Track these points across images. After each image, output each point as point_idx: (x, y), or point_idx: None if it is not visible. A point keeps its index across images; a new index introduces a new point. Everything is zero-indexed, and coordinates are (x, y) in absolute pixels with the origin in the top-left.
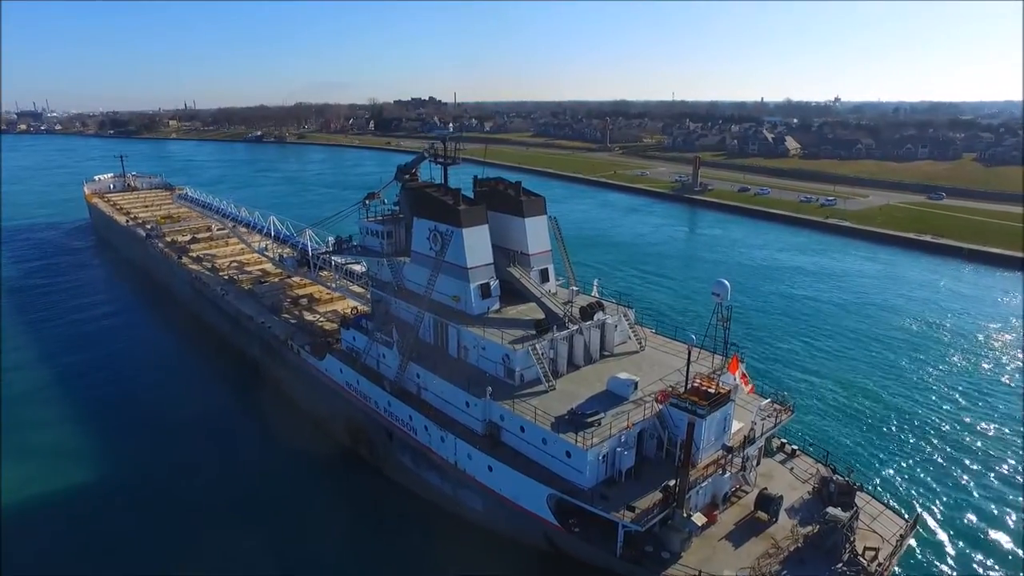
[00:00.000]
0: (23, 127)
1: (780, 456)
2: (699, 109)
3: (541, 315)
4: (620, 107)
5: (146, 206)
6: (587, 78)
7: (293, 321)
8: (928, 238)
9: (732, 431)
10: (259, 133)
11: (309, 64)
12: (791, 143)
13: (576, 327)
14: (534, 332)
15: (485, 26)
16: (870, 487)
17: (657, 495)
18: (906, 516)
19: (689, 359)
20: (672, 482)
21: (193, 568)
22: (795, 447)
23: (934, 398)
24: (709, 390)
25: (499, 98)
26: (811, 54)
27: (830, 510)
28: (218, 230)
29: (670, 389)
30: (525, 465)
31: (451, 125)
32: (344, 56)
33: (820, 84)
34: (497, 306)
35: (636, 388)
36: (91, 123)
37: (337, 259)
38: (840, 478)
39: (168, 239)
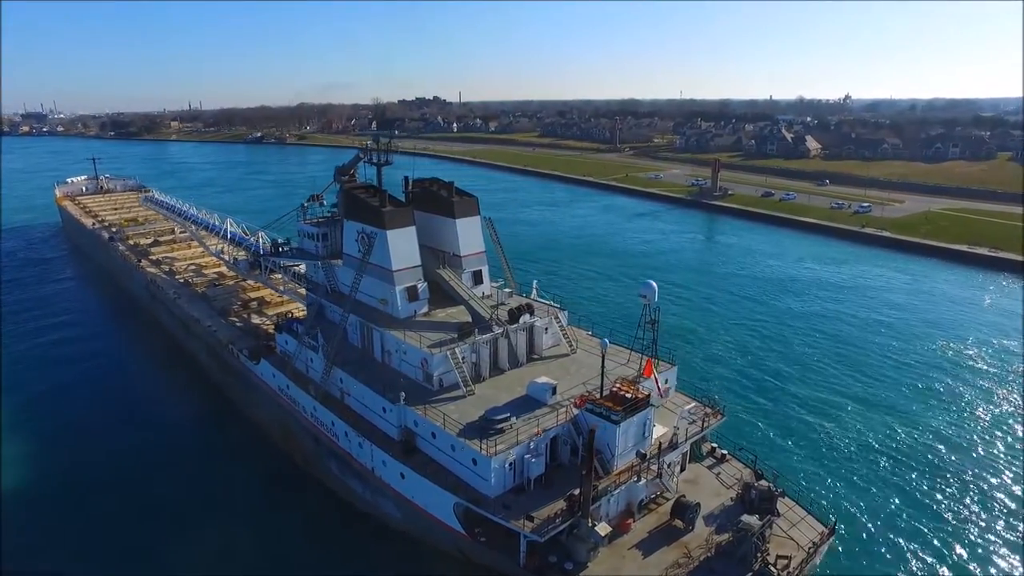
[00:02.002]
0: (26, 129)
1: (709, 461)
2: (710, 108)
3: (470, 318)
4: (628, 106)
5: (115, 209)
6: (592, 77)
7: (239, 324)
8: (985, 251)
9: (654, 436)
10: (259, 134)
11: (314, 65)
12: (811, 143)
13: (500, 330)
14: (456, 336)
15: (489, 25)
16: (795, 493)
17: (562, 504)
18: (826, 523)
19: (603, 363)
20: (577, 491)
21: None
22: (724, 452)
23: (915, 417)
24: (627, 395)
25: (505, 97)
26: (816, 51)
27: (744, 518)
28: (180, 233)
29: (587, 394)
30: (436, 473)
31: (454, 125)
32: (349, 56)
33: (827, 81)
34: (426, 309)
35: (555, 393)
36: (93, 125)
37: (282, 262)
38: (763, 484)
39: (131, 242)
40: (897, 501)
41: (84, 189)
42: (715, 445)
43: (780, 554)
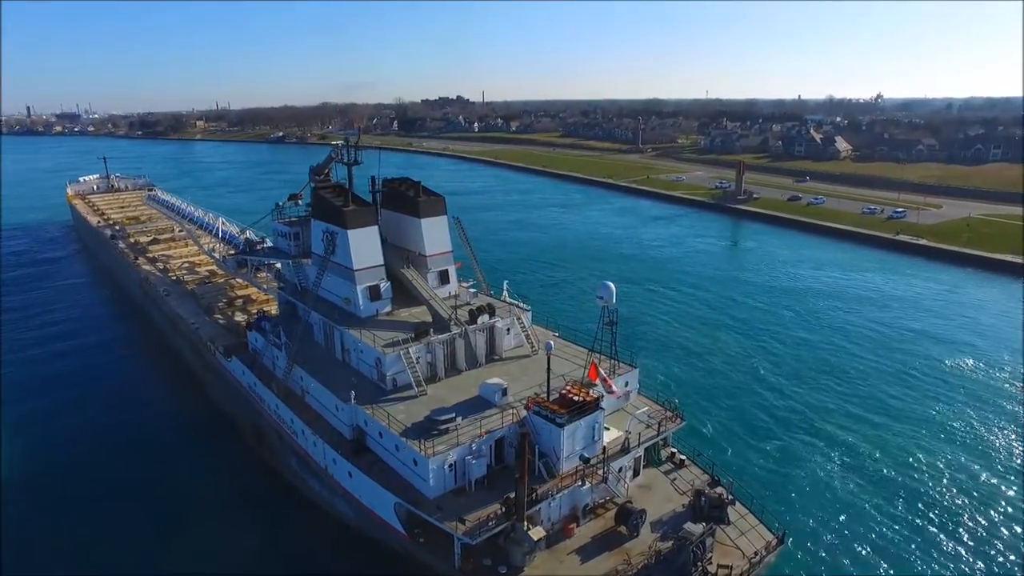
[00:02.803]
0: (59, 128)
1: (668, 466)
2: (736, 107)
3: (431, 318)
4: (652, 105)
5: (122, 207)
6: (617, 77)
7: (222, 322)
8: None
9: (605, 440)
10: (280, 134)
11: (339, 64)
12: (841, 144)
13: (458, 331)
14: (412, 335)
15: (515, 24)
16: (750, 501)
17: (498, 507)
18: (776, 533)
19: (549, 365)
20: (513, 494)
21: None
22: (684, 457)
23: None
24: (575, 398)
25: (529, 97)
26: (847, 49)
27: (686, 525)
28: (179, 231)
29: (536, 396)
30: (380, 472)
31: (476, 124)
32: (373, 56)
33: (858, 81)
34: (389, 308)
35: (505, 394)
36: (122, 124)
37: (254, 260)
38: (714, 491)
39: (131, 240)
40: (855, 518)
41: (95, 188)
42: (675, 450)
43: (722, 563)
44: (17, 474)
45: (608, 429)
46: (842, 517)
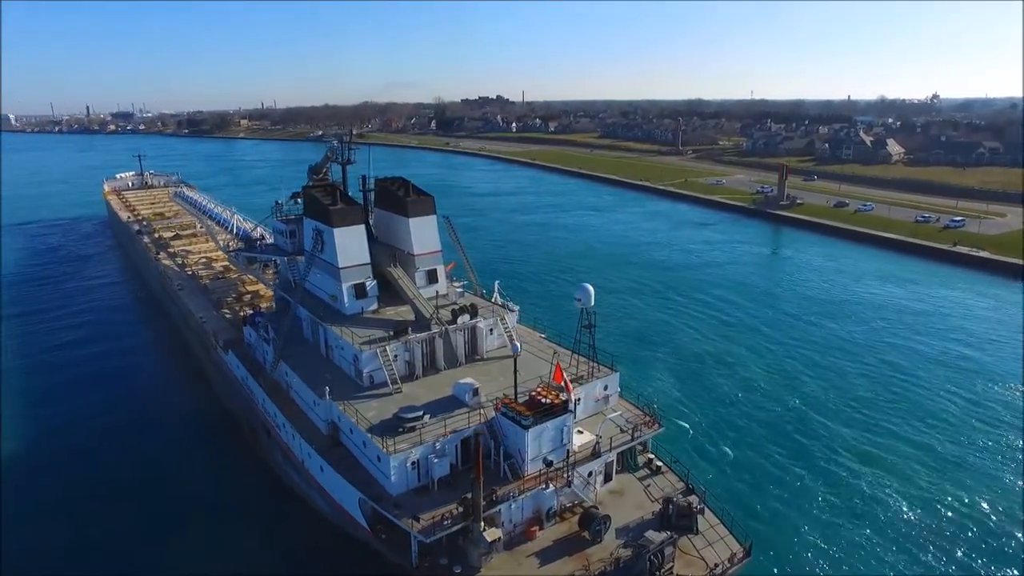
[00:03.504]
0: (112, 127)
1: (644, 472)
2: (781, 108)
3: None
4: (694, 106)
5: (152, 203)
6: (659, 77)
7: (228, 316)
8: None
9: (576, 444)
10: (320, 133)
11: (384, 63)
12: (893, 147)
13: (437, 330)
14: (391, 333)
15: (555, 23)
16: (722, 512)
17: (455, 507)
18: (742, 543)
19: (515, 367)
20: (470, 494)
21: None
22: (660, 463)
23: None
24: (544, 400)
25: (568, 97)
26: (901, 48)
27: (648, 533)
28: (199, 228)
29: (505, 397)
30: (348, 468)
31: (514, 125)
32: (414, 55)
33: (913, 81)
34: (375, 306)
35: (476, 394)
36: (171, 123)
37: (251, 256)
38: (683, 500)
39: (156, 235)
40: (834, 542)
41: (130, 184)
42: (653, 456)
43: (683, 574)
44: (19, 470)
45: (581, 432)
46: (819, 539)
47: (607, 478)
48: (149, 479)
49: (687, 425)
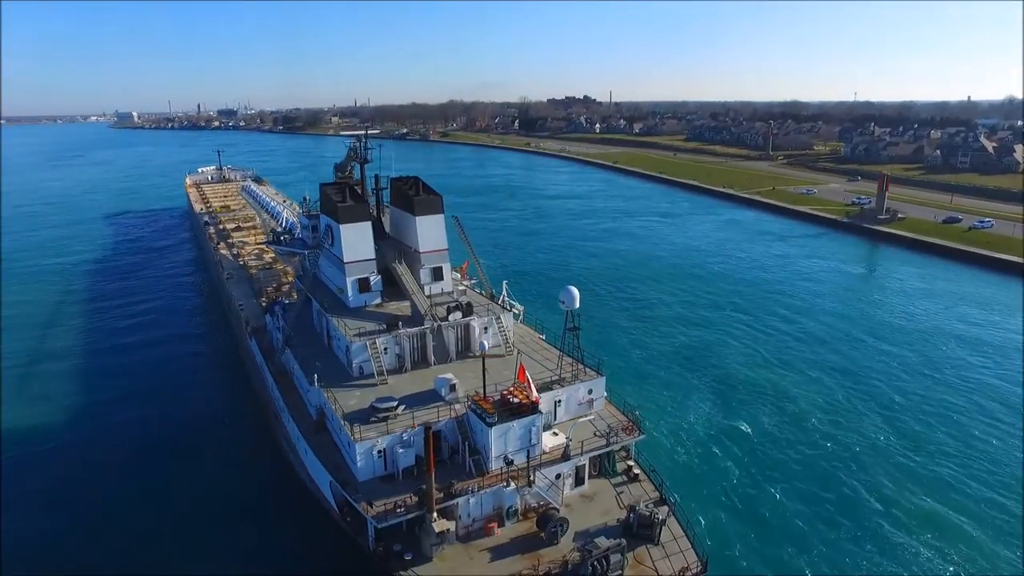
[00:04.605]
0: (216, 124)
1: (621, 478)
2: (888, 110)
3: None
4: (791, 108)
5: (224, 196)
6: (753, 77)
7: (265, 304)
8: None
9: (548, 445)
10: (404, 131)
11: (474, 63)
12: (1022, 154)
13: (429, 325)
14: (383, 327)
15: (642, 23)
16: (687, 524)
17: (411, 496)
18: (700, 557)
19: (484, 366)
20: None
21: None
22: (639, 471)
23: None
24: (513, 399)
25: (658, 98)
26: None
27: (598, 539)
28: (258, 220)
29: (475, 394)
30: (327, 453)
31: (597, 125)
32: (506, 55)
33: None
34: (378, 300)
35: (454, 389)
36: (268, 120)
37: (277, 249)
38: (646, 509)
39: (220, 227)
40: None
41: (209, 178)
42: (633, 463)
43: None
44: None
45: (556, 435)
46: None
47: (579, 482)
48: (170, 457)
49: (719, 452)
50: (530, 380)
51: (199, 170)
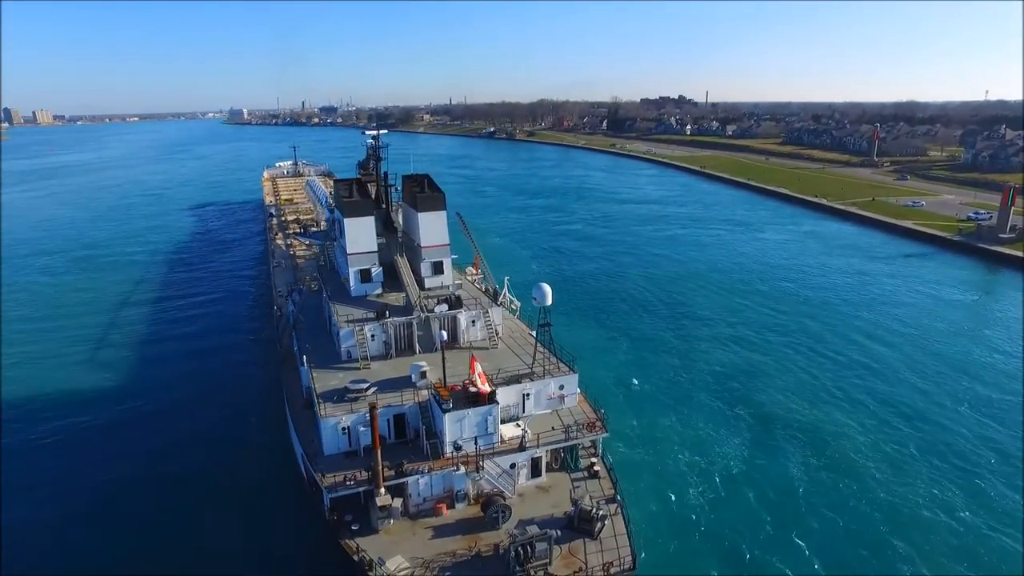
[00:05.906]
0: (316, 120)
1: (582, 473)
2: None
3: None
4: (904, 109)
5: (294, 191)
6: (862, 76)
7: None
8: None
9: (507, 435)
10: (492, 129)
11: (567, 62)
12: None
13: (415, 316)
14: (372, 315)
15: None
16: (632, 522)
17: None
18: (634, 553)
19: (443, 357)
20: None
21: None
22: (599, 468)
23: None
24: (470, 389)
25: (759, 99)
26: None
27: (529, 528)
28: (315, 213)
29: (438, 383)
30: (304, 429)
31: (688, 127)
32: (602, 54)
33: None
34: (379, 290)
35: (424, 376)
36: (363, 117)
37: (304, 239)
38: (588, 504)
39: (283, 219)
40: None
41: (284, 172)
42: (594, 460)
43: (552, 572)
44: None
45: (519, 426)
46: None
47: (536, 473)
48: (190, 446)
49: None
50: (480, 372)
51: (277, 164)
